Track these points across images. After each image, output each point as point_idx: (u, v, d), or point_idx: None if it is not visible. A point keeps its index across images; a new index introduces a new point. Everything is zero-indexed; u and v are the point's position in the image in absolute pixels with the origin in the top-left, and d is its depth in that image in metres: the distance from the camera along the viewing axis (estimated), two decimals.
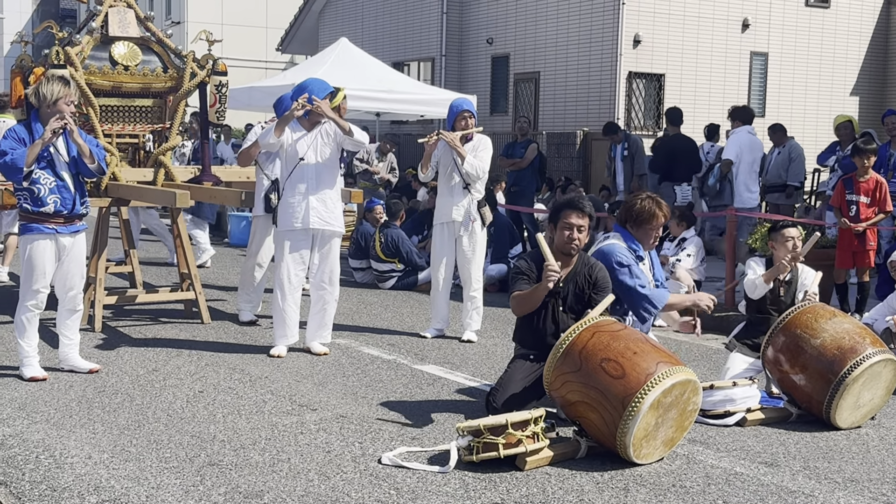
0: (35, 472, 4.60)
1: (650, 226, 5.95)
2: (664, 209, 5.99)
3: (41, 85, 6.21)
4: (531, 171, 12.87)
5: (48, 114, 6.15)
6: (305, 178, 7.05)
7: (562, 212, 5.67)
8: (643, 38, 18.24)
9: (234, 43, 28.77)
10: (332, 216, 7.16)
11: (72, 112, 6.26)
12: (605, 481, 4.65)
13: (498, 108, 20.68)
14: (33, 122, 6.25)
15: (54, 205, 6.20)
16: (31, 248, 6.23)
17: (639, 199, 6.02)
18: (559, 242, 5.65)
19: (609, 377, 4.80)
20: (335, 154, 7.20)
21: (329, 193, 7.14)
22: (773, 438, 5.43)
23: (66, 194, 6.24)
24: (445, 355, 7.42)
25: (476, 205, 7.88)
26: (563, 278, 5.62)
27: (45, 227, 6.22)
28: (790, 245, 6.49)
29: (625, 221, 6.03)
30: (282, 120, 7.02)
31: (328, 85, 7.27)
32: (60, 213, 6.24)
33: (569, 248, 5.63)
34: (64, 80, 6.29)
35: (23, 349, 6.33)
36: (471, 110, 7.89)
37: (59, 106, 6.14)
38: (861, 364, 5.46)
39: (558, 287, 5.62)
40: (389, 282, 10.79)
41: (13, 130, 6.24)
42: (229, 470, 4.68)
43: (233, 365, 6.87)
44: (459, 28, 21.71)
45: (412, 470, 4.72)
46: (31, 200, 6.18)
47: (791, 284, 6.57)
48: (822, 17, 20.28)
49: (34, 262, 6.23)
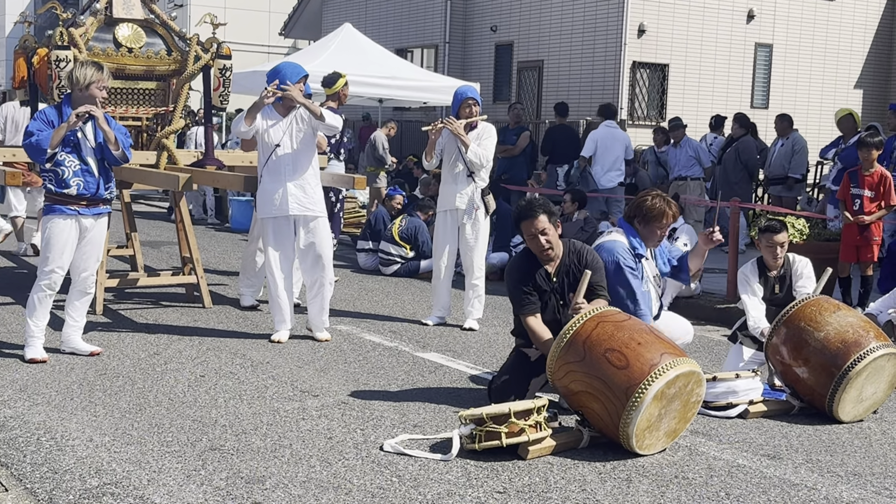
0: (36, 455, 4.59)
1: (658, 224, 5.84)
2: (674, 209, 5.87)
3: (75, 69, 6.27)
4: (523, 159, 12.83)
5: (80, 97, 6.22)
6: (282, 164, 7.02)
7: (520, 226, 5.66)
8: (648, 28, 18.17)
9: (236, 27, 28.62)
10: (311, 201, 7.10)
11: (104, 97, 6.31)
12: (607, 471, 4.64)
13: (501, 96, 20.60)
14: (64, 105, 6.31)
15: (77, 187, 6.25)
16: (50, 228, 6.29)
17: (650, 196, 5.90)
18: (536, 252, 5.64)
19: (613, 367, 4.78)
20: (311, 139, 7.14)
21: (307, 178, 7.09)
22: (776, 431, 5.42)
23: (90, 178, 6.29)
24: (447, 343, 7.41)
25: (480, 193, 7.87)
26: (553, 272, 5.63)
27: (67, 209, 6.27)
28: (772, 253, 6.40)
29: (633, 217, 5.92)
30: (252, 107, 7.00)
31: (301, 69, 7.24)
32: (83, 196, 6.29)
33: (545, 255, 5.62)
34: (97, 65, 6.31)
35: (29, 328, 6.34)
36: (475, 98, 7.87)
37: (91, 90, 6.20)
38: (864, 358, 5.45)
39: (552, 282, 5.62)
40: (392, 267, 10.77)
41: (43, 112, 6.33)
42: (231, 455, 4.67)
43: (234, 350, 6.86)
44: (463, 15, 21.63)
45: (414, 457, 4.71)
46: (56, 182, 6.25)
47: (784, 279, 6.53)
48: (828, 9, 20.21)
49: (52, 243, 6.28)
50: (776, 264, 6.48)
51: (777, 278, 6.51)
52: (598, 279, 5.56)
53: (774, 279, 6.52)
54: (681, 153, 13.07)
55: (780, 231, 6.46)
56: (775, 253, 6.42)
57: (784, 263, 6.51)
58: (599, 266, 5.62)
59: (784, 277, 6.51)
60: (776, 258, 6.44)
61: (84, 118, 6.17)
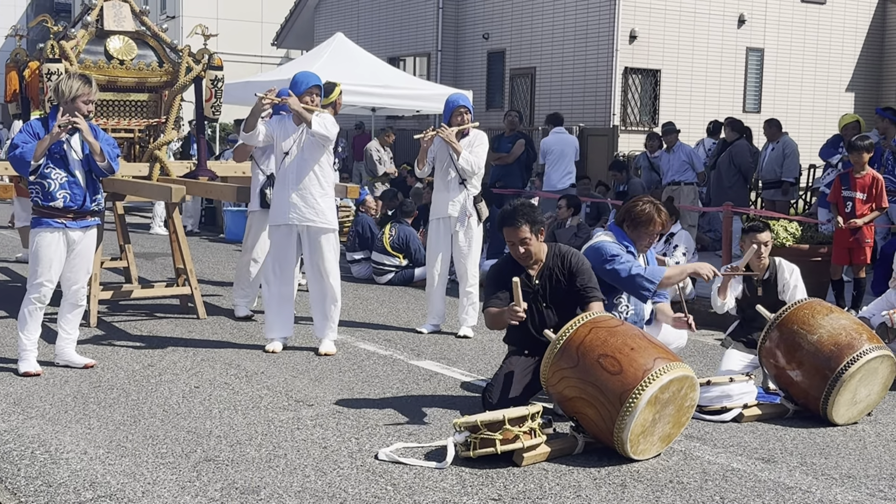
0: (31, 468, 4.58)
1: (646, 230, 5.96)
2: (663, 216, 6.00)
3: (61, 81, 6.25)
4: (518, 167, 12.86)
5: (66, 110, 6.20)
6: (288, 173, 7.01)
7: (502, 230, 5.72)
8: (639, 34, 18.23)
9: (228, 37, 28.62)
10: (314, 212, 6.99)
11: (89, 111, 6.29)
12: (602, 477, 4.65)
13: (494, 103, 20.64)
14: (51, 118, 6.30)
15: (63, 200, 6.24)
16: (38, 241, 6.29)
17: (640, 202, 6.02)
18: (514, 258, 5.69)
19: (606, 373, 4.79)
20: (318, 149, 7.02)
21: (310, 188, 6.98)
22: (770, 434, 5.43)
23: (77, 190, 6.28)
24: (442, 351, 7.41)
25: (472, 200, 7.89)
26: (535, 275, 5.67)
27: (53, 222, 6.27)
28: (753, 250, 6.44)
29: (622, 221, 6.05)
30: (250, 114, 7.01)
31: (312, 78, 7.15)
32: (70, 209, 6.29)
33: (525, 262, 5.66)
34: (85, 79, 6.29)
35: (22, 342, 6.34)
36: (467, 106, 7.90)
37: (76, 104, 6.19)
38: (858, 360, 5.46)
39: (534, 284, 5.65)
40: (387, 276, 10.76)
41: (29, 125, 6.33)
42: (226, 465, 4.66)
43: (229, 360, 6.85)
44: (455, 23, 21.68)
45: (409, 466, 4.71)
46: (42, 195, 6.24)
47: (769, 282, 6.53)
48: (818, 13, 20.29)
49: (40, 256, 6.27)
50: (760, 265, 6.51)
51: (761, 281, 6.53)
52: (585, 281, 5.59)
53: (758, 282, 6.53)
54: (674, 158, 13.10)
55: (762, 230, 6.53)
56: (759, 252, 6.45)
57: (770, 266, 6.54)
58: (585, 268, 5.64)
59: (769, 281, 6.53)
60: (759, 257, 6.47)
61: (67, 129, 6.15)
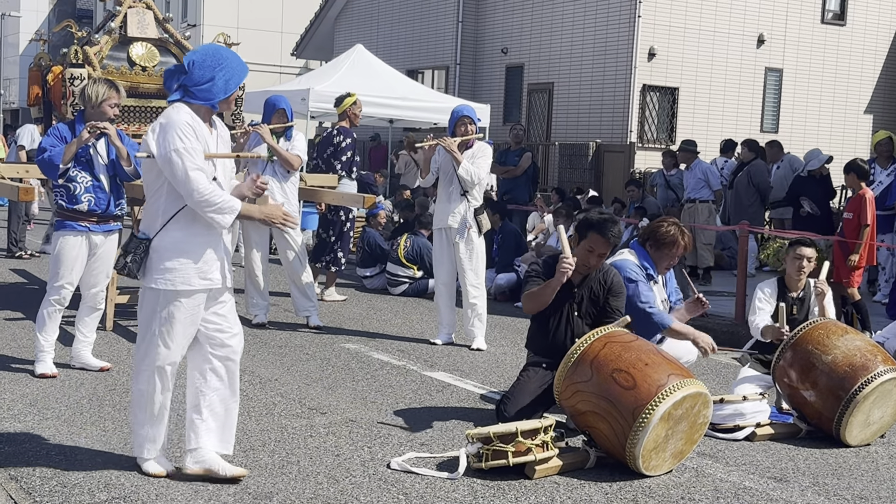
0: (46, 469, 4.61)
1: (669, 252, 6.04)
2: (686, 239, 6.06)
3: (88, 86, 6.33)
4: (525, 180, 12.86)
5: (92, 115, 6.28)
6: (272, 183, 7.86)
7: (590, 233, 5.62)
8: (658, 52, 18.25)
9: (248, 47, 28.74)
10: None
11: (116, 115, 6.38)
12: (613, 492, 4.65)
13: (511, 117, 20.68)
14: (77, 122, 6.38)
15: (88, 203, 6.32)
16: (61, 244, 6.35)
17: (665, 223, 6.10)
18: (580, 256, 5.63)
19: (620, 388, 4.80)
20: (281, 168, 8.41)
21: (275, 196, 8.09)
22: (783, 454, 5.42)
23: (101, 194, 6.36)
24: (455, 362, 7.42)
25: (473, 212, 7.89)
26: (578, 284, 5.65)
27: (77, 225, 6.34)
28: (797, 265, 6.48)
29: (646, 240, 6.09)
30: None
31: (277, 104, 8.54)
32: (94, 213, 6.36)
33: (586, 268, 5.67)
34: (111, 83, 6.38)
35: (39, 343, 6.38)
36: (471, 116, 7.93)
37: (103, 108, 6.27)
38: (872, 382, 5.45)
39: (573, 292, 5.63)
40: (401, 287, 10.79)
41: (56, 128, 6.41)
42: None
43: (243, 367, 6.83)
44: (474, 37, 21.75)
45: (421, 475, 4.72)
46: (67, 198, 6.32)
47: (804, 301, 6.55)
48: (838, 34, 20.26)
49: (62, 258, 6.34)
50: (798, 281, 6.51)
51: (797, 300, 6.54)
52: (618, 304, 5.63)
53: (793, 300, 6.53)
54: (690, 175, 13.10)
55: (809, 245, 6.57)
56: (801, 265, 6.46)
57: (805, 286, 6.55)
58: (622, 291, 5.68)
59: (803, 300, 6.54)
60: (800, 271, 6.48)
61: (95, 134, 6.23)
